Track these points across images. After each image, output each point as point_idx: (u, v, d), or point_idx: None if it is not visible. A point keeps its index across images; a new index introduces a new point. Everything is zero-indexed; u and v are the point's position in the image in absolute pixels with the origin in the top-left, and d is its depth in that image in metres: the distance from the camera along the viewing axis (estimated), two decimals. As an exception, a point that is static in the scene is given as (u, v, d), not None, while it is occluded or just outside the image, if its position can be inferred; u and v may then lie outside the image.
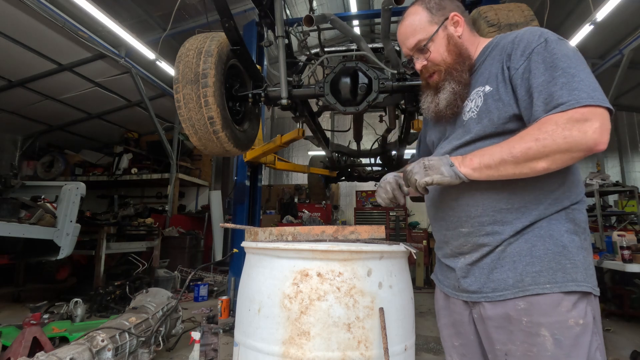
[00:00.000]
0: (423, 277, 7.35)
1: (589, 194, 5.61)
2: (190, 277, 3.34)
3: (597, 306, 0.96)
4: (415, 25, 1.11)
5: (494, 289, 0.98)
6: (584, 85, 0.86)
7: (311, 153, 9.02)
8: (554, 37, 0.95)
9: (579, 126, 0.83)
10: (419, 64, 1.14)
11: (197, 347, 2.46)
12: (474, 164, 0.94)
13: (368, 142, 5.98)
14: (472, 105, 1.06)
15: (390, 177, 1.15)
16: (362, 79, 2.67)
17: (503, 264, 0.98)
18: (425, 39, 1.10)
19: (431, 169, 0.98)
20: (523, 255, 0.96)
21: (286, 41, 2.80)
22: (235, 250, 4.44)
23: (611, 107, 0.85)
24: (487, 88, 1.03)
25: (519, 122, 0.99)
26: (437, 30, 1.09)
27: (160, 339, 2.74)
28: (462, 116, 1.10)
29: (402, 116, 4.23)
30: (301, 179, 10.28)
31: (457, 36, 1.11)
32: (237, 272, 4.37)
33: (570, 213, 0.98)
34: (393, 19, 2.73)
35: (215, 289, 6.23)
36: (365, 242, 1.37)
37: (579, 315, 0.91)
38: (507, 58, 1.01)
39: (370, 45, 3.01)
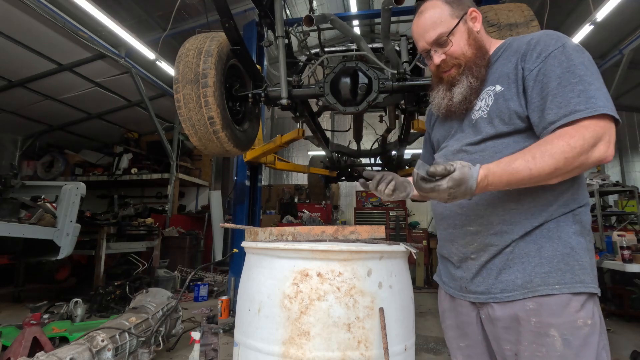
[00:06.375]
0: (423, 277, 7.35)
1: (589, 194, 5.59)
2: (190, 277, 3.34)
3: (599, 306, 0.97)
4: (435, 18, 1.08)
5: (502, 290, 0.99)
6: (600, 94, 0.88)
7: (311, 153, 9.01)
8: (571, 44, 0.95)
9: (596, 146, 0.86)
10: (437, 57, 1.10)
11: (197, 347, 2.46)
12: (499, 186, 0.90)
13: (368, 142, 5.97)
14: (482, 104, 1.05)
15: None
16: (362, 79, 2.66)
17: (511, 265, 0.98)
18: (446, 32, 1.07)
19: (454, 197, 0.88)
20: (532, 256, 0.96)
21: (286, 41, 2.80)
22: (235, 250, 4.44)
23: (619, 118, 0.89)
24: (498, 87, 1.03)
25: (530, 122, 0.98)
26: (457, 23, 1.07)
27: (160, 339, 2.74)
28: (470, 115, 1.09)
29: (402, 116, 4.22)
30: (301, 179, 10.26)
31: (475, 31, 1.10)
32: (237, 272, 4.36)
33: (577, 215, 0.99)
34: (393, 19, 2.73)
35: (215, 289, 6.23)
36: (365, 242, 1.37)
37: (587, 315, 0.92)
38: (521, 58, 1.00)
39: (370, 45, 3.01)
